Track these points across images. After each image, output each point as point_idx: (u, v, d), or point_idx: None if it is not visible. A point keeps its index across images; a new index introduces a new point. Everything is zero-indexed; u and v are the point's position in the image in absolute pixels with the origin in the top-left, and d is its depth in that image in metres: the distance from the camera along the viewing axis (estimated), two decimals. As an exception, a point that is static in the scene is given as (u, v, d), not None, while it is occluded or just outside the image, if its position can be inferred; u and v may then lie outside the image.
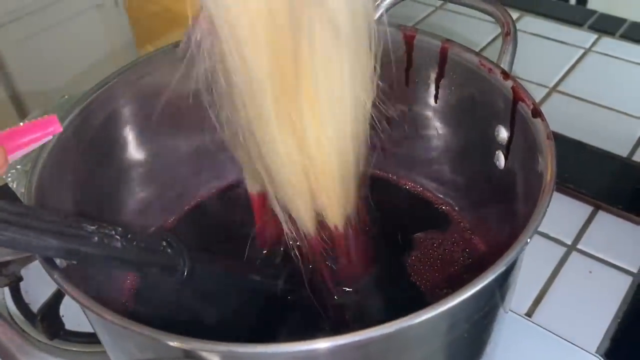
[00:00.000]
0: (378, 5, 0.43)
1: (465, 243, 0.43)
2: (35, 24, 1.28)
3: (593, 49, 0.75)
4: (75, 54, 1.32)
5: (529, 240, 0.26)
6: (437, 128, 0.43)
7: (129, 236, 0.30)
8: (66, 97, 0.61)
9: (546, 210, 0.27)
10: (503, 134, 0.37)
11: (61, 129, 0.30)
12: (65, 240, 0.26)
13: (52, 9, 1.30)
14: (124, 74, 0.39)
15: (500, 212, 0.39)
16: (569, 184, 0.56)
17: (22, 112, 1.31)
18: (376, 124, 0.42)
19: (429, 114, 0.43)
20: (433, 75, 0.41)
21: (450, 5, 0.86)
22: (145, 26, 1.34)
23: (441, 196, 0.46)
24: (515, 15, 0.81)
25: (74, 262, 0.29)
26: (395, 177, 0.48)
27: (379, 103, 0.34)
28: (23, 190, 0.52)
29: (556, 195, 0.31)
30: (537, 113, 0.33)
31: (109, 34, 1.41)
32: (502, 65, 0.37)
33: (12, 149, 0.28)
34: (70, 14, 1.33)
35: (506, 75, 0.35)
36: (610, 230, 0.53)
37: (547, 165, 0.30)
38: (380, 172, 0.48)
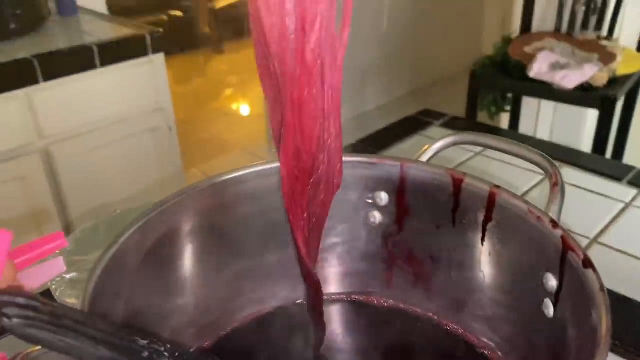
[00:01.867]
0: (428, 149, 0.46)
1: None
2: (92, 142, 1.37)
3: (634, 203, 0.76)
4: (126, 172, 1.39)
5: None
6: (483, 271, 0.43)
7: (177, 354, 0.30)
8: (118, 211, 0.63)
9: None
10: (552, 282, 0.37)
11: (67, 244, 0.31)
12: (117, 351, 0.26)
13: (109, 129, 1.39)
14: (186, 195, 0.41)
15: (547, 362, 0.37)
16: (615, 341, 0.54)
17: (69, 226, 1.35)
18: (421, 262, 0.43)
19: (476, 256, 0.43)
20: (480, 219, 0.42)
21: (489, 152, 0.89)
22: (194, 151, 1.42)
23: (485, 340, 0.45)
24: (554, 166, 0.84)
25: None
26: (437, 318, 0.47)
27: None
28: (66, 300, 0.53)
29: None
30: (588, 264, 0.33)
31: (159, 155, 1.49)
32: (550, 214, 0.38)
33: (22, 263, 0.29)
34: (126, 134, 1.42)
35: (555, 224, 0.36)
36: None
37: (602, 318, 0.29)
38: (423, 312, 0.47)
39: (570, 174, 0.83)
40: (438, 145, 0.45)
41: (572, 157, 0.87)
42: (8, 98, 1.22)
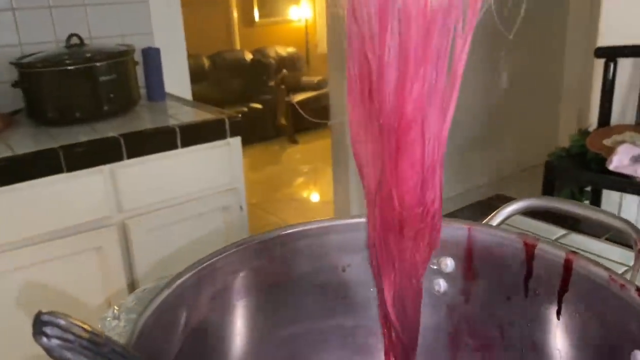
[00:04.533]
0: (498, 212, 0.43)
1: None
2: (166, 217, 1.41)
3: None
4: (197, 246, 1.42)
5: None
6: (559, 349, 0.39)
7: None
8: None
9: None
10: (640, 360, 0.33)
11: None
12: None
13: (184, 206, 1.44)
14: (244, 246, 0.41)
15: None
16: None
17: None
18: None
19: (550, 331, 0.39)
20: (556, 288, 0.38)
21: (566, 238, 0.84)
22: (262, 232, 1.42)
23: None
24: None
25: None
26: (507, 401, 0.42)
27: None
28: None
29: None
30: (683, 336, 0.29)
31: (229, 233, 1.51)
32: (636, 282, 0.34)
33: None
34: (199, 211, 1.46)
35: (642, 292, 0.32)
36: None
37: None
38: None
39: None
40: (509, 209, 0.42)
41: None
42: (94, 172, 1.30)
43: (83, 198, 1.30)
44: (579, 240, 0.74)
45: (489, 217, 0.43)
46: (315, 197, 3.03)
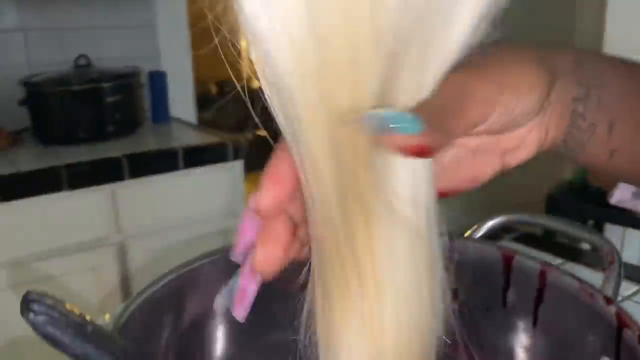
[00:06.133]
0: (478, 228, 0.45)
1: None
2: (165, 239, 1.41)
3: None
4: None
5: None
6: (535, 355, 0.40)
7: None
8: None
9: None
10: (608, 366, 0.34)
11: None
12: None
13: (184, 229, 1.44)
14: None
15: None
16: None
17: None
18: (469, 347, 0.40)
19: (527, 340, 0.40)
20: (532, 298, 0.39)
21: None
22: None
23: None
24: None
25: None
26: (485, 413, 0.43)
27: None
28: None
29: None
30: (645, 340, 0.30)
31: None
32: (606, 293, 0.35)
33: None
34: (198, 234, 1.47)
35: (609, 300, 0.34)
36: None
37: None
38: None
39: None
40: (489, 224, 0.43)
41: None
42: (95, 191, 1.31)
43: (83, 217, 1.31)
44: (576, 269, 0.75)
45: (471, 230, 0.45)
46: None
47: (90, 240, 1.32)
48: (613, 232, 1.83)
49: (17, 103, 1.44)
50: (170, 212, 1.43)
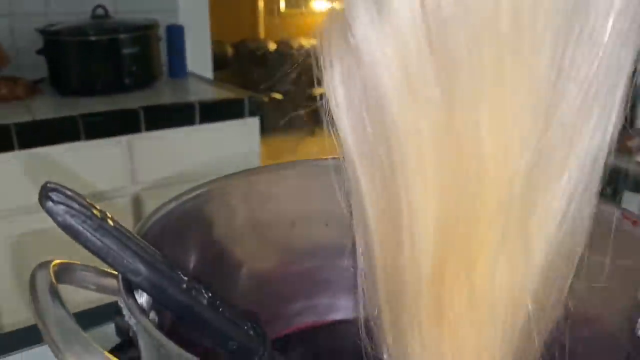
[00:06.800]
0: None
1: None
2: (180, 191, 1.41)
3: None
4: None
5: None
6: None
7: (217, 302, 0.28)
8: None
9: None
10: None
11: None
12: (156, 272, 0.25)
13: (199, 182, 1.44)
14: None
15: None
16: None
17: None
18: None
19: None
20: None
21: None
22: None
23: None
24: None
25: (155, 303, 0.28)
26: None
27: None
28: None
29: None
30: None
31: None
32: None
33: None
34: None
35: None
36: None
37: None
38: None
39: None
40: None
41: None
42: (112, 142, 1.31)
43: (99, 167, 1.31)
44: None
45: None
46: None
47: (106, 191, 1.33)
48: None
49: (35, 52, 1.43)
50: (185, 165, 1.42)
